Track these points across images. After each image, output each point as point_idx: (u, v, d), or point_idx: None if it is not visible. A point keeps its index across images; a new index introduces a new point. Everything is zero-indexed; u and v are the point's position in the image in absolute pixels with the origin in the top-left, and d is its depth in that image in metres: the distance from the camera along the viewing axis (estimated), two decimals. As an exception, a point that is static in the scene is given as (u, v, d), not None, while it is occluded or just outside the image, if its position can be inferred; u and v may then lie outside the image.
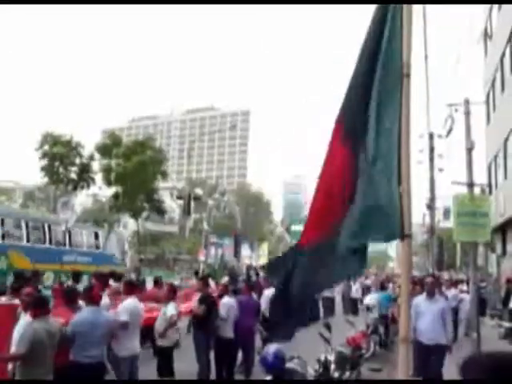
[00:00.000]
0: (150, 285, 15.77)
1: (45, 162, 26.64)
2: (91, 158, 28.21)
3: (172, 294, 9.15)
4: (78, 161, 27.38)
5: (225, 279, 17.77)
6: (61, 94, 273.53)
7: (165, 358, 8.64)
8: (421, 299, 8.42)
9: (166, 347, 8.61)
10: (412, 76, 3.00)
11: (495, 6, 23.38)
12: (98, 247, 22.99)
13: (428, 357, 7.95)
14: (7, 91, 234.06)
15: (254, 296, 11.72)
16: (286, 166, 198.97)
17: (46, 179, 28.51)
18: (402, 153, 2.84)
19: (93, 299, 6.59)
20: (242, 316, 9.76)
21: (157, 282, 13.93)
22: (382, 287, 17.51)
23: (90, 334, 6.27)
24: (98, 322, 6.41)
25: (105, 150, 28.30)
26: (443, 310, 8.23)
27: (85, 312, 6.55)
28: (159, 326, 8.61)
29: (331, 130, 3.25)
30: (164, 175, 30.75)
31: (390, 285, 26.43)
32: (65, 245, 20.58)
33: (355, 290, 23.85)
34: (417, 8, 3.22)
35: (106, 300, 7.83)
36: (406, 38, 2.98)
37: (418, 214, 44.61)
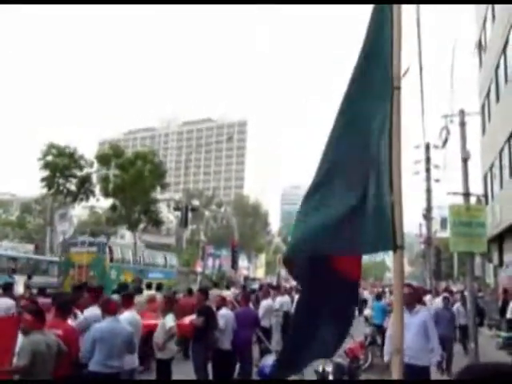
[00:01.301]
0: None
1: (46, 172, 26.52)
2: (91, 165, 28.08)
3: (170, 305, 9.12)
4: (78, 173, 27.31)
5: (227, 292, 17.73)
6: (58, 106, 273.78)
7: (164, 370, 8.57)
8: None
9: (165, 360, 8.55)
10: (407, 87, 3.02)
11: (489, 17, 23.57)
12: (165, 266, 33.83)
13: (410, 377, 6.60)
14: (3, 104, 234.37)
15: (252, 307, 11.71)
16: (284, 177, 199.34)
17: (44, 190, 28.43)
18: (394, 165, 2.84)
19: (110, 310, 6.77)
20: (240, 328, 9.73)
21: (190, 292, 15.33)
22: (378, 298, 17.52)
23: (111, 342, 6.43)
24: (118, 331, 6.58)
25: (105, 159, 28.24)
26: (425, 322, 7.33)
27: (105, 322, 6.71)
28: (158, 338, 8.55)
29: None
30: (164, 187, 30.76)
31: (387, 295, 26.42)
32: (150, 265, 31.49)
33: None
34: (411, 18, 3.25)
35: (97, 311, 7.76)
36: (396, 51, 2.98)
37: (415, 225, 44.65)
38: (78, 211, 45.42)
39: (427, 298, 18.72)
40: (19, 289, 16.94)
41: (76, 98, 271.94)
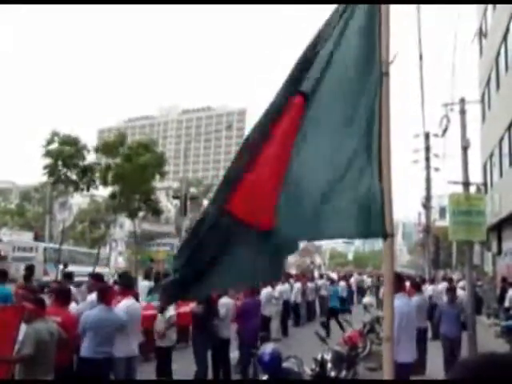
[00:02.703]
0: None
1: (47, 160, 26.36)
2: (96, 152, 27.92)
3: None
4: (81, 163, 27.16)
5: None
6: (57, 94, 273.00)
7: (164, 358, 8.62)
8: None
9: (165, 348, 8.59)
10: (407, 75, 3.00)
11: (490, 5, 23.44)
12: None
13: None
14: (0, 93, 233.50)
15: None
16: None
17: (44, 178, 28.31)
18: (383, 152, 2.82)
19: (105, 298, 6.93)
20: (249, 317, 9.74)
21: None
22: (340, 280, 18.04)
23: (100, 330, 6.60)
24: (108, 320, 6.74)
25: (109, 147, 28.05)
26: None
27: (96, 310, 6.87)
28: (158, 326, 8.60)
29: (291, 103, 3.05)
30: (162, 175, 30.68)
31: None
32: None
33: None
34: (411, 8, 3.23)
35: (92, 297, 7.84)
36: (384, 36, 2.94)
37: (414, 214, 44.72)
38: (78, 199, 45.38)
39: (429, 287, 18.70)
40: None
41: (75, 86, 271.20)
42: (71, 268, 22.40)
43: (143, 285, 14.41)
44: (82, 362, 6.66)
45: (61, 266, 24.63)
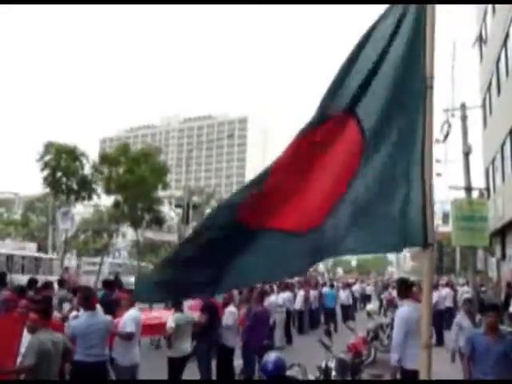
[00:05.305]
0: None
1: (46, 172, 26.33)
2: (95, 167, 27.90)
3: (177, 304, 9.06)
4: (80, 171, 27.12)
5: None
6: (59, 104, 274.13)
7: (172, 368, 8.53)
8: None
9: (175, 358, 8.52)
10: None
11: (489, 11, 23.49)
12: None
13: None
14: (4, 102, 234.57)
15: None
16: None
17: (47, 190, 28.31)
18: (426, 163, 2.87)
19: (89, 305, 7.13)
20: (260, 326, 9.67)
21: None
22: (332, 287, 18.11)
23: (88, 335, 6.80)
24: (95, 325, 6.92)
25: (112, 159, 28.07)
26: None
27: (83, 317, 7.13)
28: (169, 324, 8.60)
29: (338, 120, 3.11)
30: (165, 185, 30.69)
31: (390, 289, 26.39)
32: None
33: (345, 297, 23.74)
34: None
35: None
36: (429, 49, 2.95)
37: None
38: (81, 209, 45.44)
39: (434, 293, 18.61)
40: None
41: (77, 95, 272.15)
42: (126, 278, 25.38)
43: None
44: (74, 365, 6.80)
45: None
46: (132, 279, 24.61)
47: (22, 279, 12.71)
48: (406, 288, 7.47)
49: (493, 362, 5.81)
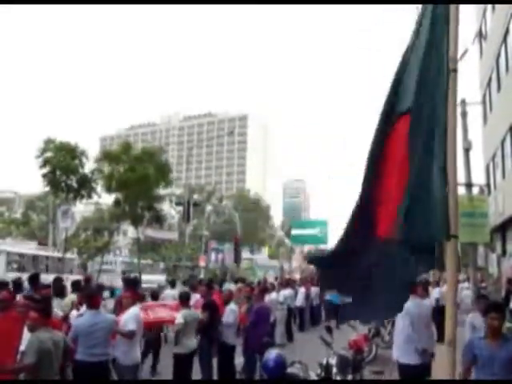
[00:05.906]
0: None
1: (46, 169, 26.24)
2: (96, 163, 27.82)
3: (185, 301, 9.08)
4: (80, 169, 27.03)
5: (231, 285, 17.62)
6: (59, 102, 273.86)
7: (179, 364, 8.53)
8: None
9: (181, 354, 8.53)
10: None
11: (489, 7, 23.44)
12: None
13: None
14: (4, 101, 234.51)
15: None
16: (286, 170, 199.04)
17: (47, 188, 28.25)
18: (449, 150, 2.82)
19: (92, 304, 7.04)
20: (261, 323, 9.69)
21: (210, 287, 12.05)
22: None
23: (91, 334, 6.70)
24: (98, 323, 6.83)
25: (113, 157, 28.01)
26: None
27: (86, 315, 7.02)
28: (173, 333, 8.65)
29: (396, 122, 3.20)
30: (167, 184, 30.64)
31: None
32: None
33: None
34: (412, 7, 3.29)
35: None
36: (452, 33, 2.96)
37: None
38: (81, 208, 45.41)
39: (436, 289, 18.56)
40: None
41: (77, 94, 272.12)
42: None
43: (169, 294, 14.23)
44: (76, 365, 6.75)
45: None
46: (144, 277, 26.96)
47: (47, 278, 12.79)
48: (408, 284, 7.46)
49: (497, 370, 5.02)
